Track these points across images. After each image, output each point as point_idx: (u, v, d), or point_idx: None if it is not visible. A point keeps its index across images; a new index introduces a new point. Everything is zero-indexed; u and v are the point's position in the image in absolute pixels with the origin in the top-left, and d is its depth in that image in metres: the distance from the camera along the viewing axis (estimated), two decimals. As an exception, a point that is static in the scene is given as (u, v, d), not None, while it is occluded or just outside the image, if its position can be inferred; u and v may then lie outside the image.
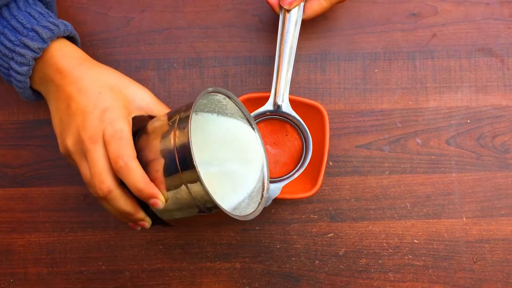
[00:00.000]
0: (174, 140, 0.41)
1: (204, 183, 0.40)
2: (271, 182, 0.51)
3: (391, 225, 0.56)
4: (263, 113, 0.52)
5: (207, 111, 0.48)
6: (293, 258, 0.55)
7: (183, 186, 0.41)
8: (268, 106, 0.52)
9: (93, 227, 0.56)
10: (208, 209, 0.42)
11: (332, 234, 0.56)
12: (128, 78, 0.47)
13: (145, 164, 0.42)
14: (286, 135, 0.54)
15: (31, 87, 0.47)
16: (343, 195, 0.56)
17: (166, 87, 0.56)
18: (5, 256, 0.55)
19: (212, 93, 0.46)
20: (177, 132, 0.41)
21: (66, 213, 0.56)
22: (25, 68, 0.45)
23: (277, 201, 0.55)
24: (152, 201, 0.42)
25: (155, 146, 0.42)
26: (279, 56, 0.50)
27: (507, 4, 0.56)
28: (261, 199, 0.48)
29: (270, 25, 0.56)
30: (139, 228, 0.45)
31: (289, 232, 0.56)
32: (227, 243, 0.55)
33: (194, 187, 0.40)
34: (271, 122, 0.54)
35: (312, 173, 0.53)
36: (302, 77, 0.56)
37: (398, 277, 0.55)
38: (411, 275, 0.55)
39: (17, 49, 0.44)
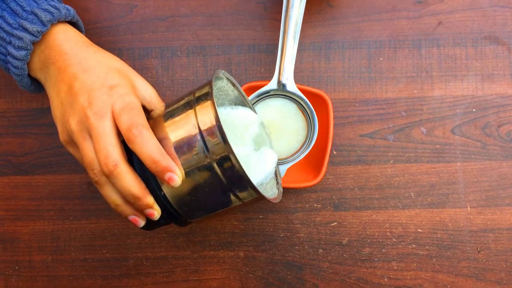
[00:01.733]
0: (195, 116, 0.39)
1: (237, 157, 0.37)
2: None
3: (395, 214, 0.55)
4: (267, 93, 0.50)
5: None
6: (297, 247, 0.55)
7: (206, 164, 0.38)
8: (272, 84, 0.50)
9: (97, 215, 0.56)
10: (237, 186, 0.39)
11: (335, 223, 0.56)
12: (134, 70, 0.46)
13: None
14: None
15: (29, 76, 0.46)
16: (346, 184, 0.56)
17: (169, 75, 0.56)
18: (10, 243, 0.56)
19: (222, 77, 0.45)
20: (198, 108, 0.39)
21: (70, 201, 0.56)
22: (22, 53, 0.43)
23: (280, 190, 0.55)
24: (168, 175, 0.38)
25: (166, 127, 0.40)
26: (284, 32, 0.48)
27: (514, -8, 0.56)
28: (277, 191, 0.47)
29: (275, 12, 0.56)
30: (141, 224, 0.42)
31: (293, 221, 0.56)
32: (230, 232, 0.56)
33: (224, 162, 0.38)
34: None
35: (316, 162, 0.53)
36: (306, 65, 0.56)
37: (402, 266, 0.55)
38: (415, 264, 0.55)
39: (15, 32, 0.42)
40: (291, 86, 0.50)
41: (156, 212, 0.41)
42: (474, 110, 0.56)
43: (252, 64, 0.56)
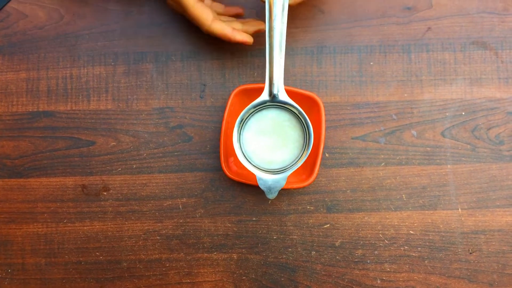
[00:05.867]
0: None
1: None
2: (275, 173, 0.51)
3: (387, 216, 0.56)
4: (261, 104, 0.51)
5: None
6: (290, 249, 0.56)
7: None
8: (264, 96, 0.50)
9: (91, 217, 0.56)
10: None
11: (328, 225, 0.56)
12: None
13: None
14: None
15: None
16: (339, 186, 0.56)
17: (164, 79, 0.57)
18: (3, 246, 0.56)
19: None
20: None
21: (64, 204, 0.56)
22: None
23: (273, 192, 0.56)
24: None
25: None
26: (270, 44, 0.48)
27: (500, -2, 0.57)
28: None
29: (267, 18, 0.57)
30: None
31: (286, 223, 0.56)
32: (224, 234, 0.56)
33: None
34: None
35: (308, 164, 0.54)
36: (298, 69, 0.57)
37: (394, 268, 0.56)
38: (407, 266, 0.55)
39: None
40: (283, 96, 0.50)
41: None
42: (463, 113, 0.57)
43: (245, 68, 0.57)
